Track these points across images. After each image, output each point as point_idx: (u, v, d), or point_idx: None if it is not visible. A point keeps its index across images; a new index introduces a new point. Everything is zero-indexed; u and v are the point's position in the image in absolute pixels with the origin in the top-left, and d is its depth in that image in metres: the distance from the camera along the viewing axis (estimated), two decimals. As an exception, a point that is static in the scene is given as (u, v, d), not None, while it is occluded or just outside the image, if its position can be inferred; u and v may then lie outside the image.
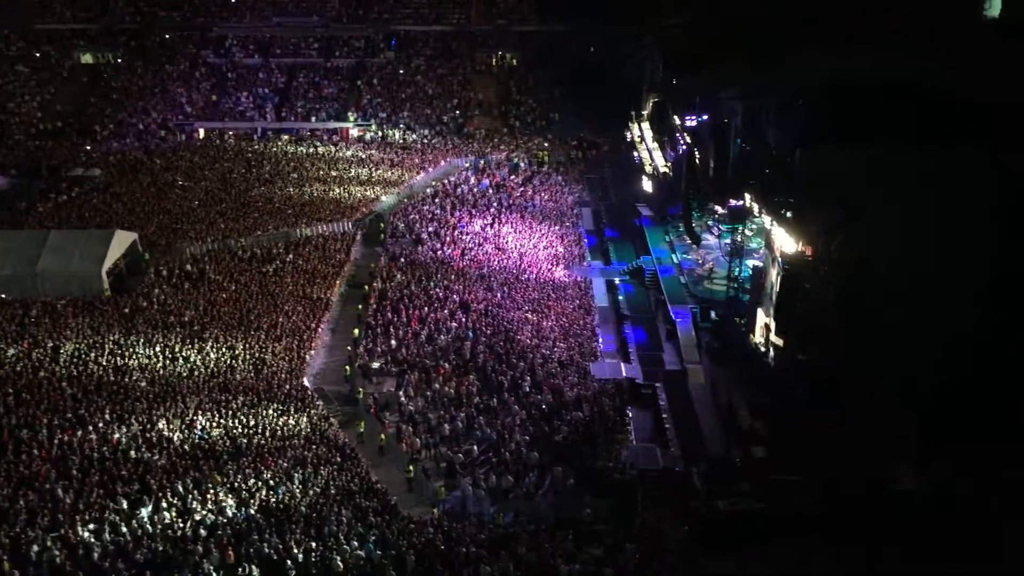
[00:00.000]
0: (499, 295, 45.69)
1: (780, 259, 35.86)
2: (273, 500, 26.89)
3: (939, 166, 31.06)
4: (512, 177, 66.37)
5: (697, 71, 54.13)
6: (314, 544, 24.41)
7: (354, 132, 76.56)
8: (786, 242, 35.31)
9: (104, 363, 34.96)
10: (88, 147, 71.07)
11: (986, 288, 29.64)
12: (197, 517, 25.14)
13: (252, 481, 27.69)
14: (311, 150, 72.07)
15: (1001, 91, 32.54)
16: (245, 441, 30.41)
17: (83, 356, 35.38)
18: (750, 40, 46.66)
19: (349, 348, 40.12)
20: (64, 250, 43.50)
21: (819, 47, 40.74)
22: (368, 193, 60.67)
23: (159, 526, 24.43)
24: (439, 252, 51.56)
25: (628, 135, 70.72)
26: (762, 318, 38.69)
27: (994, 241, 29.56)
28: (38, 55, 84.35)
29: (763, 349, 38.52)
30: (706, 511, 28.41)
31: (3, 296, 41.43)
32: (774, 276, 36.85)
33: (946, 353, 29.54)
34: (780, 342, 36.45)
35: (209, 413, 31.86)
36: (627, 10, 73.18)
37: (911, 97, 34.26)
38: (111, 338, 37.35)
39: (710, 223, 52.55)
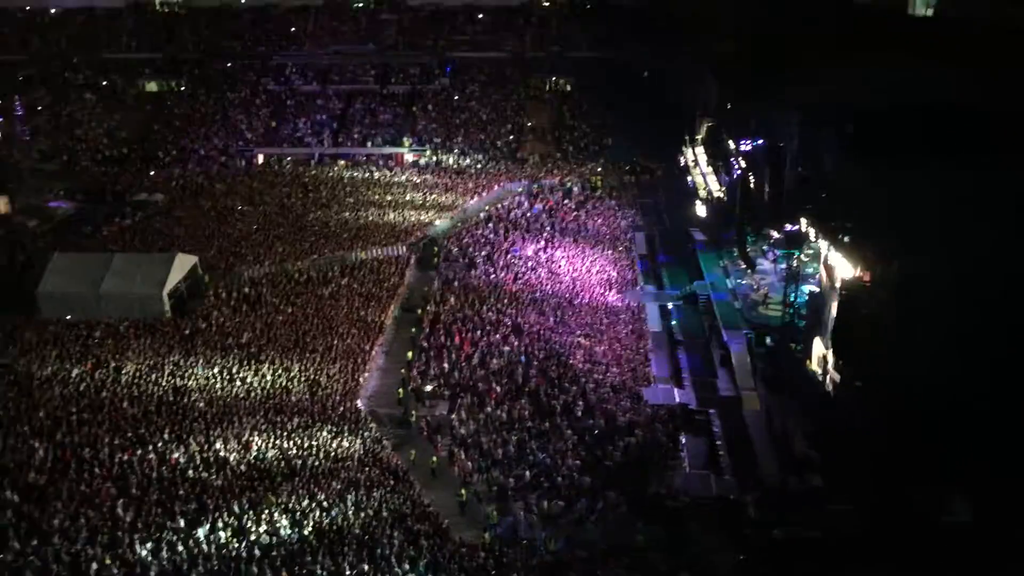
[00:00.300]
0: (552, 319, 45.66)
1: (837, 286, 35.30)
2: (326, 522, 27.10)
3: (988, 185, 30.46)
4: (565, 202, 66.44)
5: (748, 94, 53.97)
6: (366, 567, 24.53)
7: (409, 157, 77.37)
8: (844, 267, 34.81)
9: (164, 384, 35.73)
10: (152, 173, 72.98)
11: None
12: (252, 537, 25.44)
13: (306, 502, 27.96)
14: (366, 175, 72.98)
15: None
16: (299, 462, 30.75)
17: (144, 377, 36.21)
18: (791, 59, 46.39)
19: (402, 371, 40.30)
20: (127, 273, 44.52)
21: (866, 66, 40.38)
22: (422, 217, 61.18)
23: (215, 545, 24.78)
24: (492, 276, 51.71)
25: (682, 160, 70.46)
26: (819, 348, 38.07)
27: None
28: (104, 83, 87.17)
29: (820, 377, 37.88)
30: (760, 539, 27.98)
31: (68, 317, 42.56)
32: (832, 304, 36.20)
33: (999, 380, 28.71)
34: (838, 377, 35.77)
35: (265, 434, 32.30)
36: (678, 36, 73.39)
37: (951, 115, 33.74)
38: (171, 359, 38.15)
39: (765, 248, 52.02)
